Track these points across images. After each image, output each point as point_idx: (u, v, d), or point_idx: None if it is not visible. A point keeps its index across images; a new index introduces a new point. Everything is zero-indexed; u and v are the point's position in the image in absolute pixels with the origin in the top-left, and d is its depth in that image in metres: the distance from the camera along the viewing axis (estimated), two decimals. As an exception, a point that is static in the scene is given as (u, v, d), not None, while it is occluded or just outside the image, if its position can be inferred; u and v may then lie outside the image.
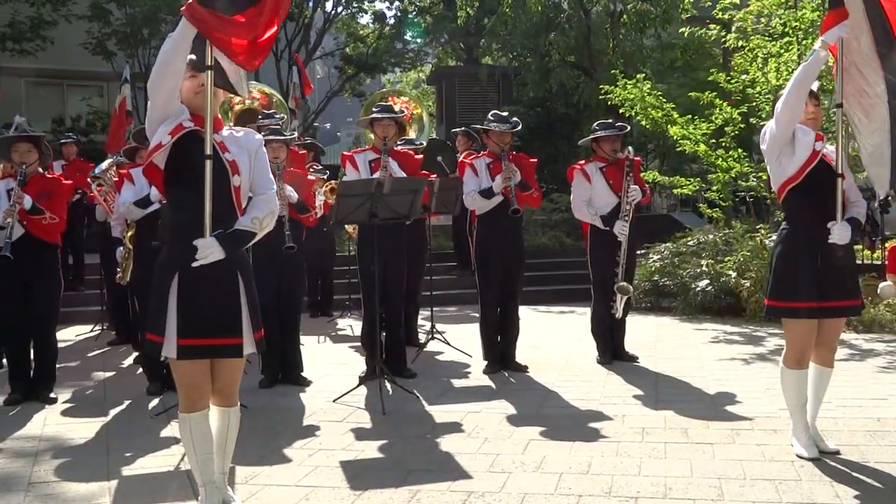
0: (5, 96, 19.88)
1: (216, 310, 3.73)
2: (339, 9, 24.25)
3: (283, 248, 6.64)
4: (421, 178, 7.07)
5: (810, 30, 10.78)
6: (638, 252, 9.06)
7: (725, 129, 11.77)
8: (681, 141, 11.86)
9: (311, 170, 9.06)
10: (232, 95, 7.07)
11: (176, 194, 3.82)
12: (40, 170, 6.68)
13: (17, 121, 7.86)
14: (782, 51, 11.18)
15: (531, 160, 7.58)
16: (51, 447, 5.41)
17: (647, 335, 9.20)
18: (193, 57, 3.74)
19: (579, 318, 10.21)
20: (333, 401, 6.37)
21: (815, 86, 4.83)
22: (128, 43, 19.40)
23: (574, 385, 6.85)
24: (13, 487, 4.66)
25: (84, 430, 5.81)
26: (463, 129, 11.55)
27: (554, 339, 9.22)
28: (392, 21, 25.18)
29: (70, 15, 18.88)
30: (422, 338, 8.70)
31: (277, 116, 8.50)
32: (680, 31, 15.28)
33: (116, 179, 7.77)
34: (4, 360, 7.41)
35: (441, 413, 6.02)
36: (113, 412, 6.31)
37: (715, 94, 11.89)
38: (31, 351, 6.69)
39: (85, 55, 19.65)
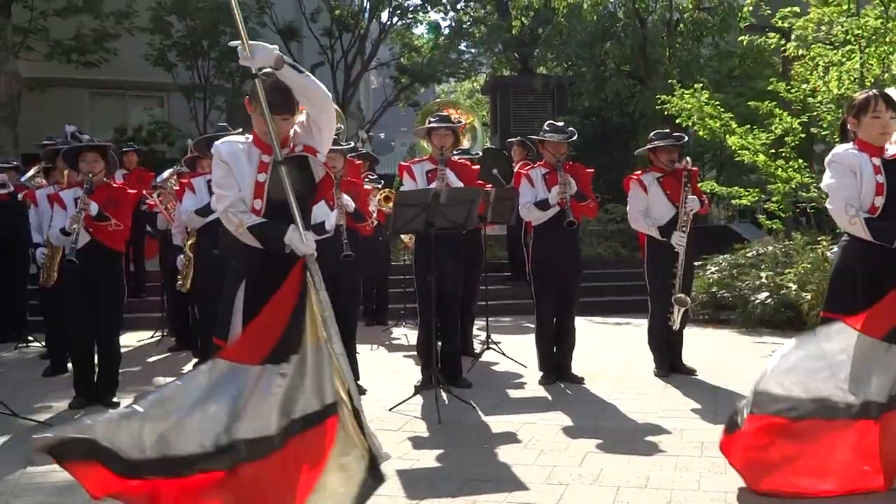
0: (70, 107, 20.40)
1: None
2: (395, 19, 24.42)
3: (340, 257, 6.70)
4: (477, 188, 7.08)
5: (873, 38, 10.61)
6: (695, 263, 8.96)
7: (785, 139, 11.61)
8: (739, 151, 11.73)
9: (367, 179, 9.12)
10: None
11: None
12: (105, 179, 6.83)
13: (69, 129, 8.04)
14: (844, 59, 11.01)
15: (587, 170, 7.55)
16: (113, 451, 5.50)
17: (706, 348, 9.08)
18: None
19: (635, 330, 10.13)
20: (389, 409, 6.40)
21: (894, 93, 4.72)
22: (188, 54, 19.75)
23: (631, 397, 6.79)
24: (78, 492, 4.74)
25: (145, 434, 5.90)
26: (518, 139, 11.54)
27: (610, 350, 9.15)
28: (447, 31, 25.28)
29: (132, 27, 19.28)
30: (477, 348, 8.70)
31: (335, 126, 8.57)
32: (739, 39, 15.13)
33: (177, 188, 7.91)
34: (70, 365, 7.58)
35: (497, 423, 6.02)
36: (173, 417, 6.40)
37: (774, 103, 11.74)
38: (96, 356, 6.83)
39: (146, 66, 20.04)
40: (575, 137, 7.46)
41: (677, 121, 12.34)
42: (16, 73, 17.31)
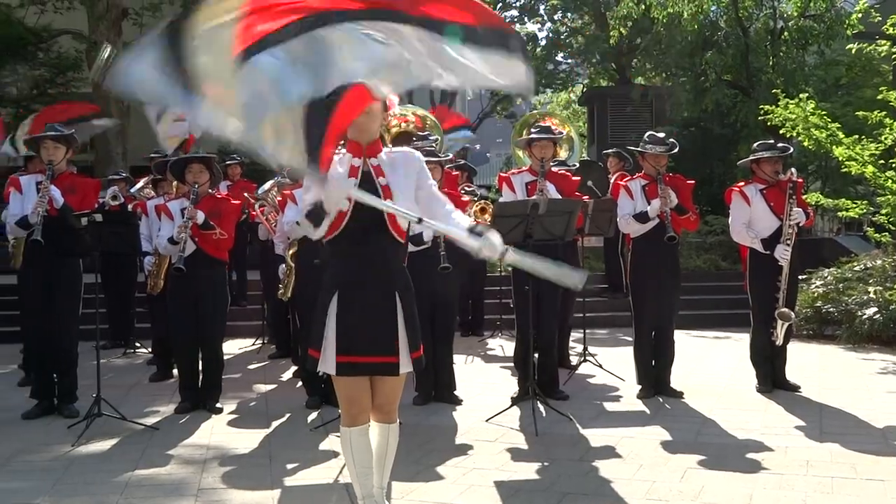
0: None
1: (372, 329, 3.82)
2: (492, 31, 24.48)
3: (438, 269, 6.73)
4: (577, 199, 7.05)
5: None
6: (800, 277, 8.72)
7: (895, 149, 11.21)
8: (847, 162, 11.37)
9: (464, 191, 9.15)
10: (389, 118, 7.27)
11: (343, 224, 3.87)
12: (211, 190, 7.02)
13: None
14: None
15: (688, 182, 7.44)
16: (217, 455, 5.66)
17: (810, 364, 8.82)
18: None
19: (736, 345, 9.91)
20: (486, 420, 6.40)
21: None
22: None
23: (732, 413, 6.65)
24: (184, 493, 4.89)
25: (248, 439, 6.05)
26: (614, 150, 11.43)
27: (710, 365, 8.97)
28: (543, 42, 25.24)
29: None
30: (573, 360, 8.64)
31: (432, 138, 8.65)
32: (847, 47, 14.68)
33: (280, 200, 8.07)
34: (175, 371, 7.80)
35: (595, 437, 5.96)
36: (274, 424, 6.54)
37: (884, 113, 11.34)
38: (200, 362, 7.02)
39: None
40: (676, 150, 7.36)
41: (781, 131, 12.03)
42: (125, 88, 17.90)
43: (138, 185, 10.11)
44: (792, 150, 7.50)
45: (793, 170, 7.35)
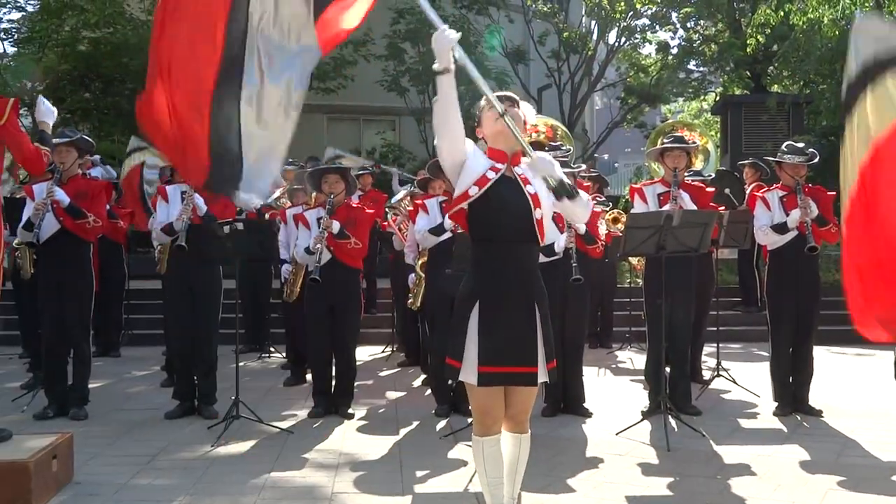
0: (310, 131, 21.62)
1: (514, 338, 3.81)
2: (622, 40, 24.23)
3: (570, 280, 6.69)
4: (711, 211, 6.89)
5: None
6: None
7: None
8: None
9: (595, 201, 9.07)
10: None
11: (480, 230, 3.92)
12: (348, 199, 7.19)
13: (330, 154, 8.51)
14: None
15: (829, 193, 7.17)
16: (349, 461, 5.77)
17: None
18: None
19: (879, 362, 9.47)
20: (616, 434, 6.32)
21: None
22: (419, 80, 20.43)
23: (876, 434, 6.37)
24: (318, 497, 5.01)
25: (379, 446, 6.14)
26: (750, 160, 11.12)
27: (851, 382, 8.61)
28: (675, 50, 24.79)
29: (369, 54, 20.19)
30: (706, 374, 8.44)
31: (564, 149, 8.60)
32: None
33: (411, 209, 8.19)
34: (309, 376, 7.99)
35: (729, 454, 5.80)
36: (404, 431, 6.62)
37: None
38: (333, 369, 7.17)
39: (379, 91, 20.91)
40: (817, 159, 7.12)
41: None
42: (262, 100, 18.54)
43: (275, 195, 10.41)
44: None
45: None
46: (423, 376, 8.66)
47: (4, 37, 20.19)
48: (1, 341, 10.88)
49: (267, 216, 9.59)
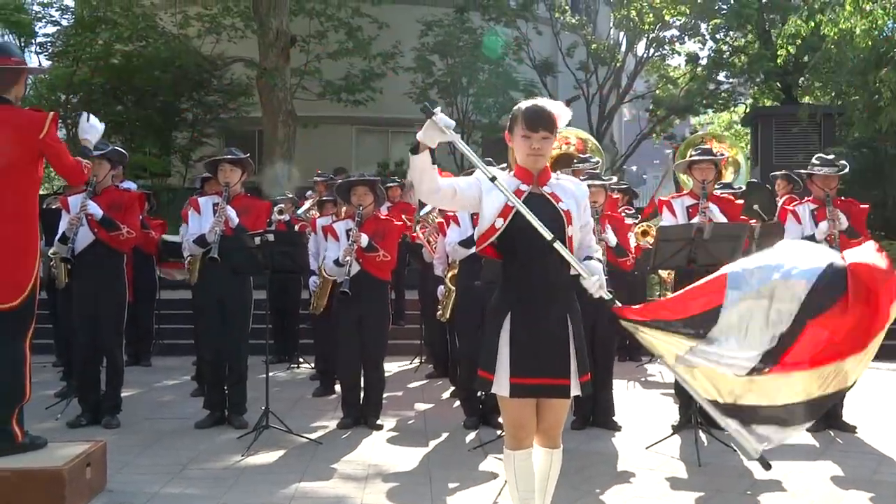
0: (338, 143, 21.80)
1: (547, 350, 3.80)
2: (651, 51, 24.20)
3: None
4: (742, 223, 6.85)
5: None
6: None
7: None
8: None
9: (625, 213, 9.05)
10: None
11: (511, 248, 3.88)
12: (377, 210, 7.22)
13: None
14: None
15: (861, 206, 7.11)
16: (378, 472, 5.78)
17: None
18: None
19: (913, 378, 9.39)
20: (646, 448, 6.29)
21: None
22: (447, 92, 20.52)
23: (911, 451, 6.30)
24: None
25: (407, 457, 6.15)
26: (783, 172, 11.04)
27: (885, 398, 8.51)
28: (705, 62, 24.72)
29: (397, 67, 20.31)
30: (737, 389, 8.36)
31: (594, 161, 8.60)
32: None
33: (440, 221, 8.20)
34: (337, 387, 8.02)
35: (761, 469, 5.73)
36: (433, 443, 6.62)
37: None
38: (362, 380, 7.19)
39: (407, 103, 21.01)
40: (846, 171, 7.06)
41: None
42: (293, 112, 18.74)
43: (304, 207, 10.49)
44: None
45: None
46: (451, 388, 8.66)
47: (40, 51, 20.53)
48: (35, 350, 10.97)
49: (297, 227, 9.65)
